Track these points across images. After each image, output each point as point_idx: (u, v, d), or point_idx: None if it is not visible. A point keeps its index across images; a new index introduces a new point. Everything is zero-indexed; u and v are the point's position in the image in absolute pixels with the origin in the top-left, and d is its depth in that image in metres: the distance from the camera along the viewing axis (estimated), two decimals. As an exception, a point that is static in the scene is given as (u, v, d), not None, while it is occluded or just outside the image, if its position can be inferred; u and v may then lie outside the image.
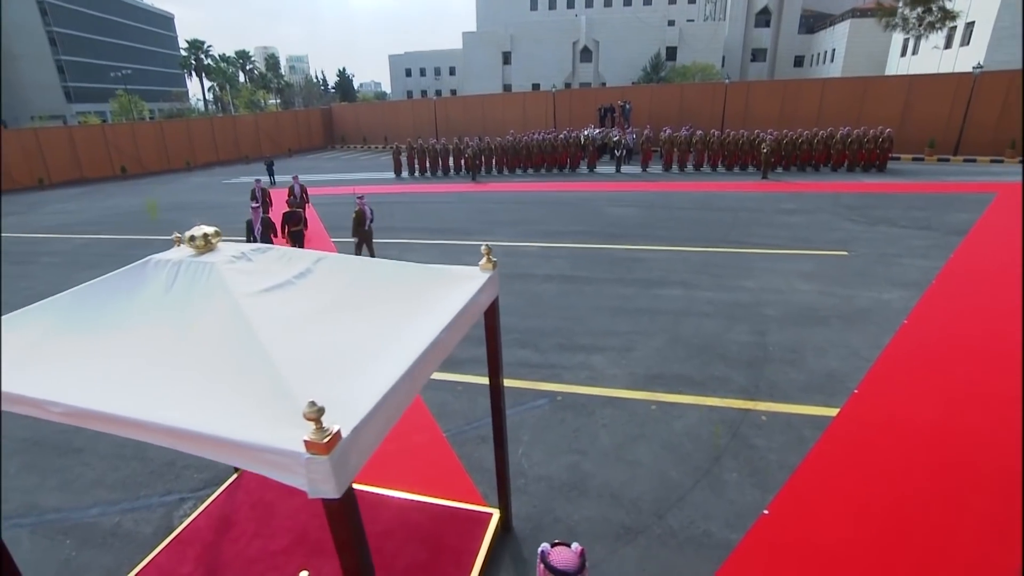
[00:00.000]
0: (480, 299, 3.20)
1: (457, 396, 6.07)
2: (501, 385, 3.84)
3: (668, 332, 7.25)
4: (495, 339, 3.69)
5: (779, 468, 4.60)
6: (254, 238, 10.28)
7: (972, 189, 16.18)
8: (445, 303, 2.88)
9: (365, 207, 10.40)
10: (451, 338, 2.74)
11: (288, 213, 11.10)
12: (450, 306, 2.84)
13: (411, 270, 3.22)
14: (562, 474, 4.71)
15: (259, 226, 10.31)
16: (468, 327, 3.06)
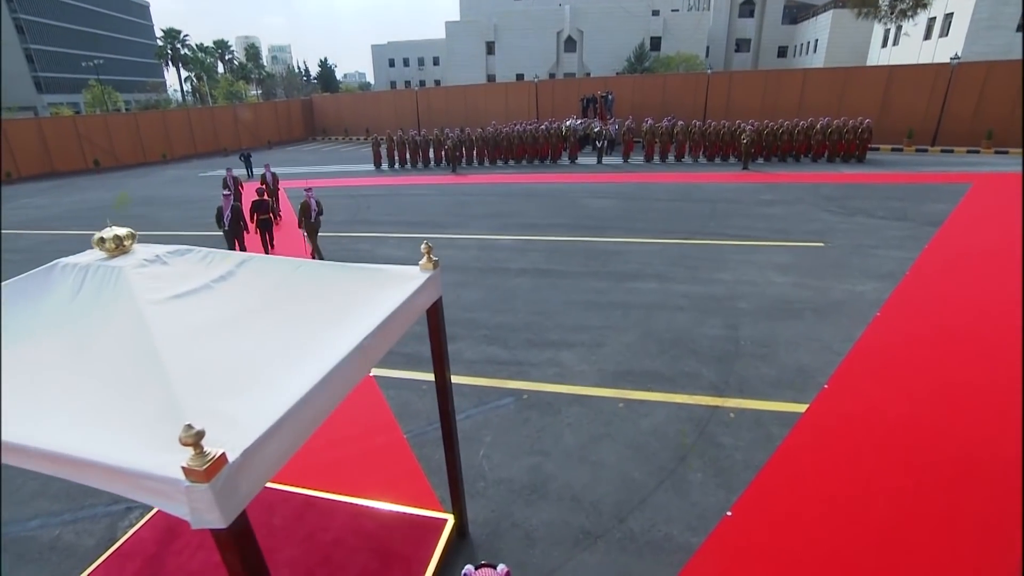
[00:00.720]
0: (417, 300, 3.02)
1: (421, 395, 5.91)
2: (448, 388, 3.68)
3: (640, 327, 7.13)
4: (439, 340, 3.53)
5: (745, 467, 4.50)
6: (224, 226, 10.39)
7: (948, 180, 16.26)
8: (376, 306, 2.70)
9: (311, 200, 10.35)
10: (379, 344, 2.56)
11: (256, 202, 11.06)
12: (380, 310, 2.66)
13: (344, 271, 3.04)
14: (523, 476, 4.57)
15: (229, 214, 10.32)
16: (403, 330, 2.89)
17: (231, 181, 13.57)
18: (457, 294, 8.59)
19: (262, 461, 1.77)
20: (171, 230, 14.35)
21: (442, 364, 3.62)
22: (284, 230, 13.50)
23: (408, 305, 2.91)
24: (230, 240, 10.53)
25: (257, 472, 1.77)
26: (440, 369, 3.64)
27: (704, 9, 49.60)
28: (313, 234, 10.59)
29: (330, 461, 4.99)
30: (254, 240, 11.24)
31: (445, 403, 3.72)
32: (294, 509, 4.32)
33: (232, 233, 10.46)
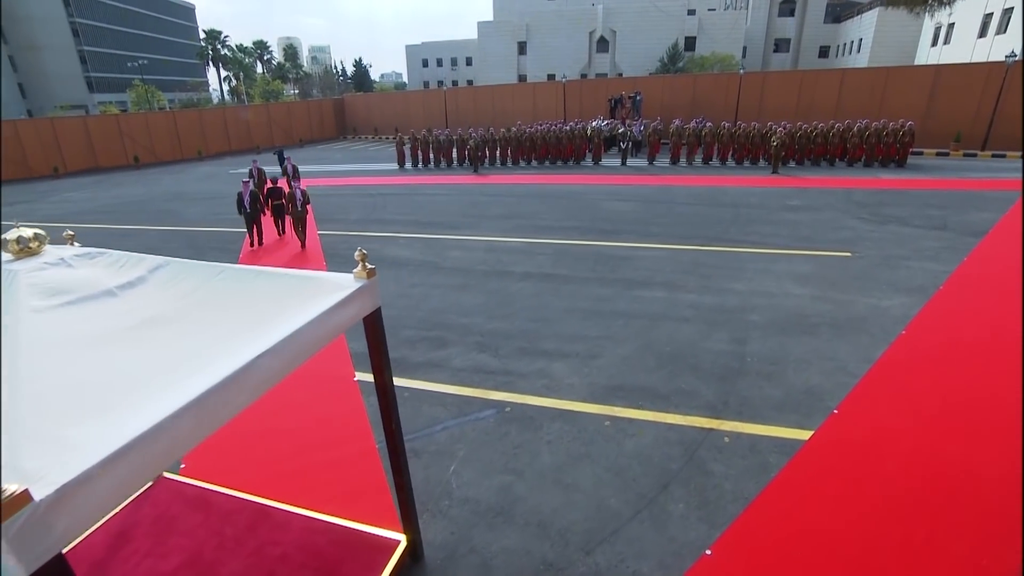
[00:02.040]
0: (346, 311, 2.78)
1: (401, 404, 5.58)
2: (391, 404, 3.42)
3: (640, 338, 6.74)
4: (379, 354, 3.27)
5: (733, 500, 4.11)
6: (245, 209, 11.69)
7: (997, 186, 15.23)
8: (292, 317, 2.46)
9: (297, 191, 11.50)
10: (283, 361, 2.32)
11: (271, 189, 12.34)
12: (295, 321, 2.43)
13: (270, 278, 2.81)
14: (491, 497, 4.28)
15: (248, 198, 11.59)
16: (325, 342, 2.65)
17: (255, 171, 14.68)
18: (456, 298, 8.36)
19: (86, 500, 1.54)
20: (193, 225, 14.59)
21: (383, 378, 3.37)
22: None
23: (332, 316, 2.68)
24: (249, 223, 11.88)
25: (84, 509, 1.54)
26: (381, 383, 3.39)
27: (741, 8, 48.19)
28: (299, 221, 11.69)
29: (296, 469, 4.81)
30: (270, 223, 12.65)
31: (388, 420, 3.46)
32: (248, 519, 4.14)
33: (251, 216, 11.76)
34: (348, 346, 7.00)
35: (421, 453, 4.87)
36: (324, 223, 13.88)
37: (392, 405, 3.43)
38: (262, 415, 5.64)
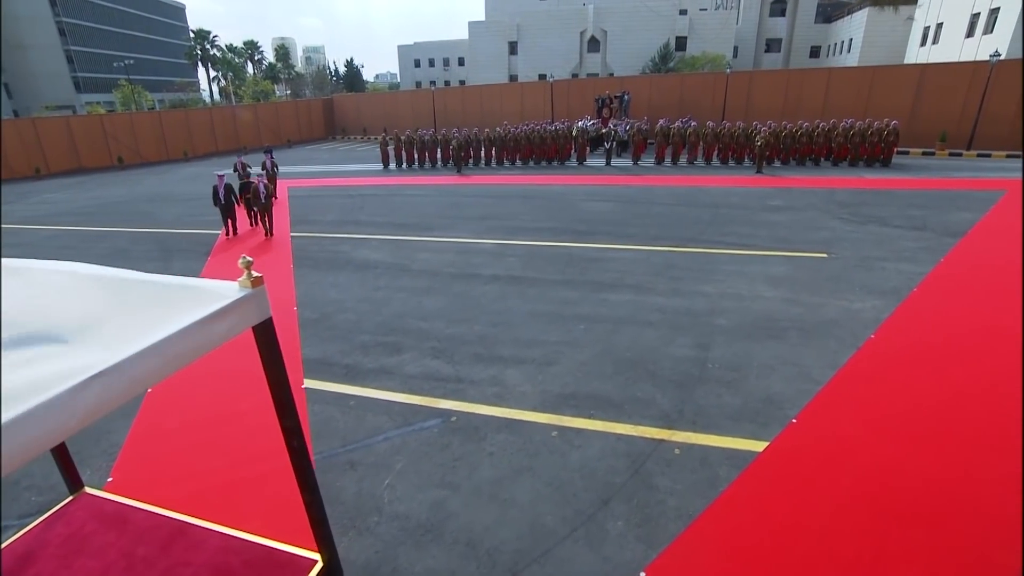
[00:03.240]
0: (221, 325, 2.53)
1: (346, 412, 5.45)
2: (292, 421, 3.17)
3: (601, 343, 6.53)
4: (274, 368, 3.02)
5: (676, 517, 3.89)
6: (220, 201, 12.42)
7: (980, 186, 15.09)
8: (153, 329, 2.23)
9: (260, 184, 12.40)
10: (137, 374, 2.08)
11: (243, 183, 13.23)
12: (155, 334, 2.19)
13: (139, 286, 2.57)
14: (423, 513, 4.06)
15: (223, 191, 12.32)
16: (195, 356, 2.41)
17: (240, 165, 15.97)
18: (418, 301, 8.13)
19: None
20: (168, 227, 14.33)
21: (281, 394, 3.13)
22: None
23: (204, 329, 2.43)
24: (223, 214, 12.59)
25: None
26: (279, 399, 3.15)
27: (731, 7, 48.08)
28: (264, 212, 12.53)
29: (228, 481, 4.58)
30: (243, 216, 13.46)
31: (290, 438, 3.22)
32: (164, 537, 3.90)
33: (225, 208, 12.48)
34: (302, 352, 6.78)
35: (358, 465, 4.65)
36: (300, 225, 13.65)
37: (293, 422, 3.19)
38: (201, 422, 5.42)
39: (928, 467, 4.28)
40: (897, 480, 4.15)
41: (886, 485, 4.11)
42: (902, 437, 4.66)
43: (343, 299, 8.44)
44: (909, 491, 4.04)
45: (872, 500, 3.97)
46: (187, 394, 5.93)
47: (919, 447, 4.52)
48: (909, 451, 4.48)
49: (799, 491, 4.08)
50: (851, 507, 3.91)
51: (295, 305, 8.28)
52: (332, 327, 7.46)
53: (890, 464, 4.33)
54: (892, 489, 4.06)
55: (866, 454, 4.46)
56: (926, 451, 4.47)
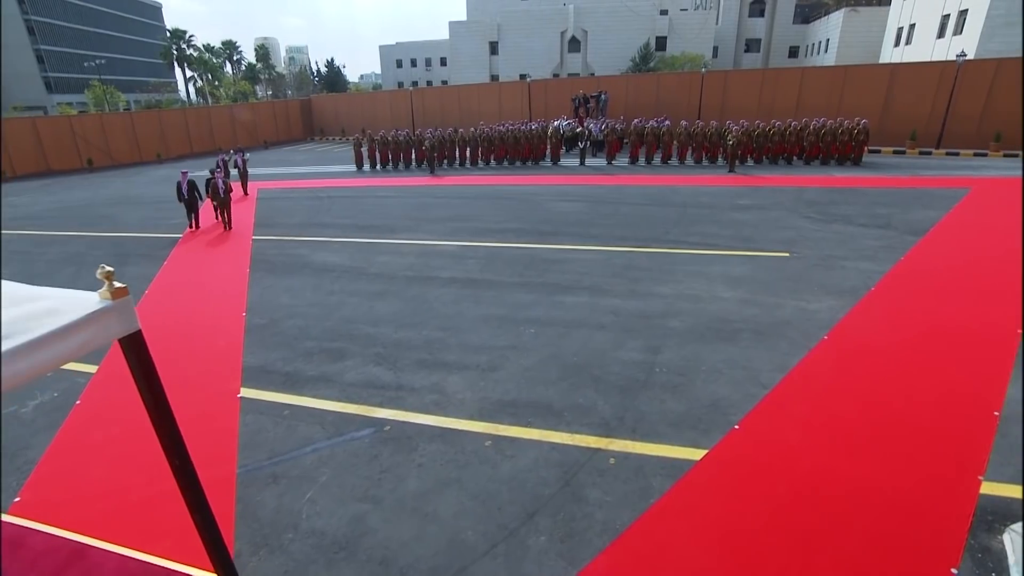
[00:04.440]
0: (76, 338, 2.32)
1: (278, 422, 5.24)
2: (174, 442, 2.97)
3: (549, 348, 6.38)
4: (147, 384, 2.82)
5: (602, 531, 3.75)
6: (183, 197, 13.06)
7: (946, 184, 15.19)
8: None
9: (219, 181, 13.12)
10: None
11: (208, 180, 13.47)
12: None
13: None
14: (340, 529, 3.87)
15: (186, 187, 13.01)
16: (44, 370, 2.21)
17: (222, 163, 16.69)
18: (370, 306, 7.93)
19: None
20: (129, 230, 13.97)
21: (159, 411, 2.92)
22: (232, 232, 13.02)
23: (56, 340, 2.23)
24: (187, 209, 13.23)
25: None
26: (156, 418, 2.95)
27: (711, 8, 48.34)
28: (224, 207, 13.22)
29: (139, 500, 4.35)
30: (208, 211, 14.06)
31: (173, 457, 3.02)
32: (60, 561, 3.67)
33: (188, 202, 13.11)
34: (244, 359, 6.56)
35: (280, 479, 4.45)
36: (263, 228, 13.37)
37: (173, 440, 2.99)
38: (127, 436, 5.18)
39: (868, 472, 4.19)
40: (834, 487, 4.05)
41: (823, 492, 4.00)
42: (844, 442, 4.56)
43: (294, 304, 8.22)
44: (845, 498, 3.94)
45: (807, 508, 3.85)
46: (114, 405, 5.68)
47: (861, 452, 4.42)
48: (850, 456, 4.38)
49: (733, 502, 3.96)
50: (785, 516, 3.79)
51: (244, 311, 8.04)
52: (278, 333, 7.24)
53: (829, 470, 4.22)
54: (828, 497, 3.96)
55: (806, 460, 4.36)
56: (867, 456, 4.37)
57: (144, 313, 8.17)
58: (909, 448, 4.46)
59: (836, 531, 3.65)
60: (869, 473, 4.17)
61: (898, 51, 36.29)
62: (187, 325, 7.68)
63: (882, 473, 4.18)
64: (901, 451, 4.42)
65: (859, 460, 4.33)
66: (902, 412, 4.95)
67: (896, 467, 4.24)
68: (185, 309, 8.33)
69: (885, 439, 4.57)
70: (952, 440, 4.56)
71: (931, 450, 4.44)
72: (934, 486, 4.05)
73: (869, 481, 4.09)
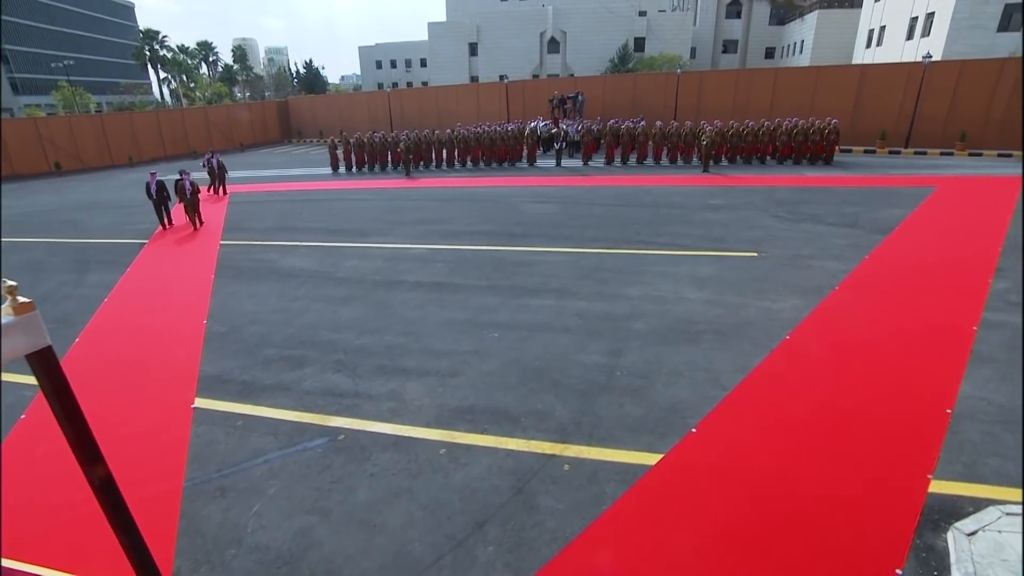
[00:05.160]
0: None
1: (230, 433, 5.12)
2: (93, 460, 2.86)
3: (511, 352, 6.33)
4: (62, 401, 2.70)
5: (551, 540, 3.70)
6: (152, 196, 13.37)
7: (913, 183, 15.46)
8: None
9: (186, 182, 13.29)
10: None
11: (177, 180, 13.58)
12: None
13: None
14: (285, 543, 3.78)
15: (155, 187, 13.29)
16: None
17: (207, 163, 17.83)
18: (334, 311, 7.81)
19: None
20: (93, 236, 13.64)
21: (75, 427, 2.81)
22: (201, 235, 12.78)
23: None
24: (156, 208, 13.56)
25: None
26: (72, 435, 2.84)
27: (687, 9, 48.77)
28: (191, 208, 13.56)
29: (78, 518, 4.20)
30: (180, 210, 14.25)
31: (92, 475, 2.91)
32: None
33: (157, 202, 13.46)
34: (201, 368, 6.41)
35: (228, 492, 4.34)
36: (232, 232, 13.14)
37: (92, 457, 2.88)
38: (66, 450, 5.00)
39: (820, 474, 4.20)
40: (786, 490, 4.05)
41: (775, 495, 4.00)
42: (799, 444, 4.57)
43: (257, 311, 8.06)
44: (796, 501, 3.94)
45: (758, 512, 3.85)
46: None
47: (815, 453, 4.44)
48: (803, 458, 4.39)
49: (685, 507, 3.94)
50: (735, 521, 3.78)
51: (205, 319, 7.87)
52: (239, 340, 7.09)
53: (782, 473, 4.23)
54: (780, 500, 3.96)
55: (760, 463, 4.36)
56: (821, 457, 4.39)
57: (100, 322, 7.96)
58: (862, 448, 4.49)
59: (784, 535, 3.65)
60: (821, 475, 4.19)
61: (870, 52, 36.94)
62: (144, 334, 7.49)
63: (834, 474, 4.20)
64: (854, 451, 4.45)
65: (813, 461, 4.34)
66: (858, 412, 4.99)
67: (848, 468, 4.26)
68: (144, 317, 8.13)
69: (839, 439, 4.60)
70: (904, 439, 4.60)
71: (884, 450, 4.47)
72: (884, 486, 4.08)
73: (821, 483, 4.11)
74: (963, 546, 3.58)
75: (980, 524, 3.75)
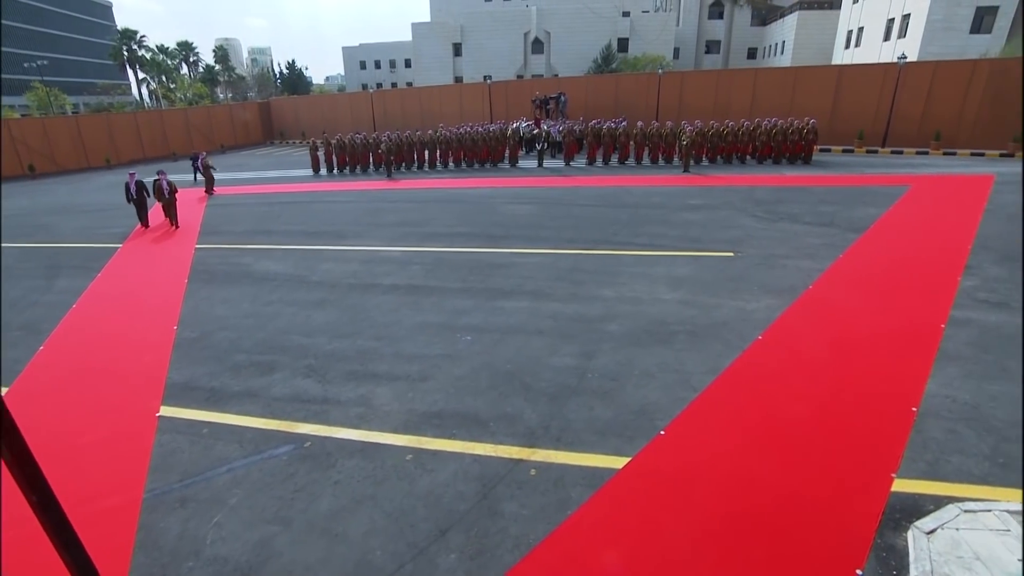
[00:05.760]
0: None
1: (195, 442, 5.03)
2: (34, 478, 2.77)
3: (483, 355, 6.30)
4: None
5: (514, 547, 3.67)
6: (132, 197, 13.65)
7: (889, 182, 15.67)
8: None
9: (163, 182, 13.54)
10: None
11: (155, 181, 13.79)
12: None
13: None
14: (244, 554, 3.71)
15: (134, 188, 13.59)
16: None
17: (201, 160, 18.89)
18: (307, 316, 7.73)
19: None
20: (66, 240, 13.39)
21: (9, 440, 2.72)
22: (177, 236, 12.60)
23: None
24: (137, 208, 13.85)
25: None
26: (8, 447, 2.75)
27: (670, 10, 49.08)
28: (168, 207, 13.82)
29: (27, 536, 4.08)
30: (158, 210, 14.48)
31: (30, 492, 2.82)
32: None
33: (137, 202, 13.72)
34: (168, 375, 6.29)
35: (189, 502, 4.26)
36: (208, 236, 12.97)
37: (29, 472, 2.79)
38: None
39: (785, 475, 4.21)
40: (752, 491, 4.06)
41: (740, 497, 4.00)
42: (766, 445, 4.58)
43: (229, 316, 7.95)
44: (761, 502, 3.95)
45: (723, 514, 3.85)
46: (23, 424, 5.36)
47: (781, 454, 4.45)
48: (770, 459, 4.40)
49: (650, 510, 3.93)
50: (700, 524, 3.78)
51: (176, 324, 7.74)
52: (209, 347, 6.98)
53: (748, 474, 4.24)
54: (745, 502, 3.96)
55: (727, 465, 4.36)
56: (787, 458, 4.40)
57: (66, 329, 7.80)
58: (828, 448, 4.52)
59: (747, 538, 3.65)
60: (786, 476, 4.20)
61: (848, 53, 37.45)
62: (112, 340, 7.35)
63: (799, 475, 4.21)
64: (820, 452, 4.47)
65: (779, 463, 4.36)
66: (825, 411, 5.02)
67: (814, 468, 4.29)
68: (112, 323, 7.98)
69: (806, 440, 4.62)
70: (870, 439, 4.63)
71: (849, 449, 4.50)
72: (848, 486, 4.10)
73: (785, 484, 4.12)
74: (922, 545, 3.61)
75: (939, 522, 3.79)
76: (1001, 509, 3.87)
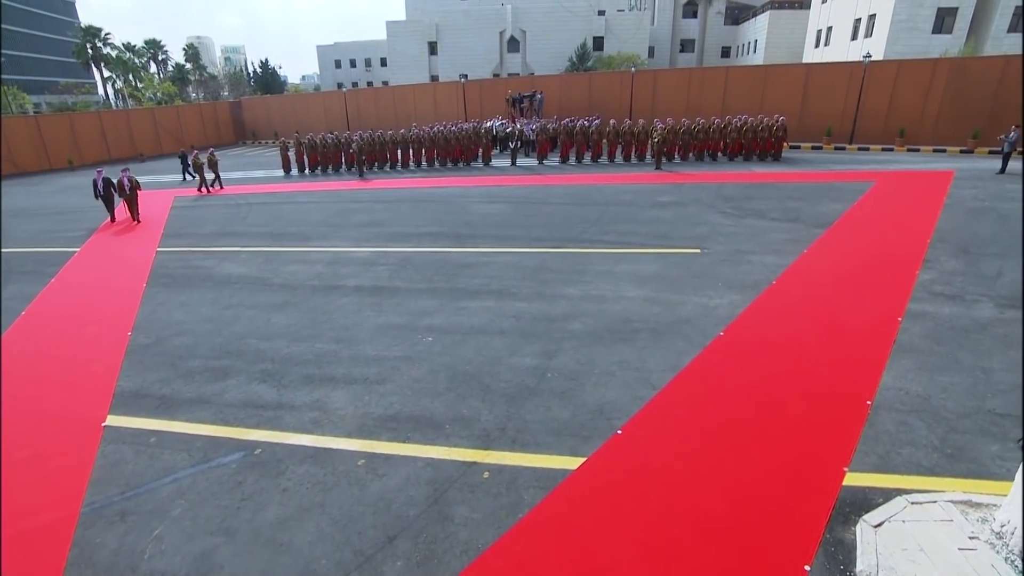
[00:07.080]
0: None
1: (140, 451, 4.86)
2: None
3: (443, 356, 6.21)
4: None
5: (462, 553, 3.60)
6: (99, 194, 14.55)
7: (855, 178, 15.96)
8: None
9: (125, 178, 14.25)
10: None
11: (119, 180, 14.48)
12: None
13: None
14: (184, 567, 3.58)
15: (101, 185, 14.46)
16: None
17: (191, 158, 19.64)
18: (266, 319, 7.55)
19: None
20: (19, 245, 12.90)
21: None
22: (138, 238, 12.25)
23: None
24: (105, 204, 14.66)
25: None
26: None
27: (644, 9, 49.39)
28: (130, 203, 14.40)
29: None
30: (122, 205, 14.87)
31: None
32: None
33: (105, 198, 14.57)
34: (118, 383, 6.08)
35: (129, 515, 4.10)
36: (171, 238, 12.64)
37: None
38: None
39: (739, 472, 4.21)
40: (705, 490, 4.04)
41: (693, 496, 3.99)
42: (722, 442, 4.58)
43: (186, 320, 7.73)
44: (714, 501, 3.94)
45: (675, 514, 3.83)
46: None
47: (736, 451, 4.45)
48: (725, 457, 4.40)
49: (602, 512, 3.89)
50: (651, 524, 3.75)
51: (130, 330, 7.50)
52: (162, 352, 6.78)
53: (702, 473, 4.22)
54: (697, 500, 3.95)
55: (681, 464, 4.34)
56: (742, 455, 4.40)
57: (12, 338, 7.50)
58: (783, 444, 4.53)
59: (698, 537, 3.63)
60: (740, 473, 4.20)
61: (818, 52, 38.10)
62: (61, 349, 7.09)
63: (753, 472, 4.22)
64: (775, 448, 4.49)
65: (734, 461, 4.35)
66: (782, 407, 5.05)
67: (767, 464, 4.29)
68: (63, 331, 7.70)
69: (762, 436, 4.63)
70: (824, 433, 4.67)
71: (803, 445, 4.52)
72: (799, 482, 4.11)
73: (739, 482, 4.12)
74: (869, 538, 3.63)
75: (887, 515, 3.82)
76: (946, 500, 3.92)
